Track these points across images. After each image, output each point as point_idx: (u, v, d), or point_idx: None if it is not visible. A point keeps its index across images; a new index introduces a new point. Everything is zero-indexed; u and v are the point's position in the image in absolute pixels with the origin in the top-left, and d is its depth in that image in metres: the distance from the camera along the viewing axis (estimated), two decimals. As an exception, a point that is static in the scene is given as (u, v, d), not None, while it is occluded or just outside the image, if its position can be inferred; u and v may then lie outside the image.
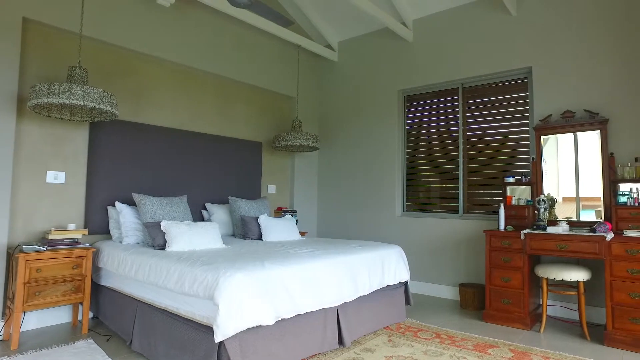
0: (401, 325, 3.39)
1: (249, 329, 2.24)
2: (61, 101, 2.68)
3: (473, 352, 2.79)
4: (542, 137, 3.87)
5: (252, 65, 4.99)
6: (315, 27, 5.52)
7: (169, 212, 3.53)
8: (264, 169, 5.22)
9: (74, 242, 3.18)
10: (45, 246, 3.00)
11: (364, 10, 4.32)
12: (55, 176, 3.40)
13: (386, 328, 3.31)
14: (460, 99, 4.60)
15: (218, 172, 4.58)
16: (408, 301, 3.55)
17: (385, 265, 3.27)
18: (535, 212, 3.71)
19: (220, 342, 2.14)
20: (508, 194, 3.97)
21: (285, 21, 3.51)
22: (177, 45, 4.20)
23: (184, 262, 2.52)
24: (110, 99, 2.91)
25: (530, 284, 3.49)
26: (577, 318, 3.63)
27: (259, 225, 4.02)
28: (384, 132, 5.15)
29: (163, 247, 3.14)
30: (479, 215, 4.36)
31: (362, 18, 5.18)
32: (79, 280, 3.11)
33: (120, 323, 3.01)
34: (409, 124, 5.07)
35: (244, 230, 4.03)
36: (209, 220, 4.27)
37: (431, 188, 4.82)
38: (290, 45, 5.50)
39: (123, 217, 3.47)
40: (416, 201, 4.94)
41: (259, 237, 4.00)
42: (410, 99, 5.06)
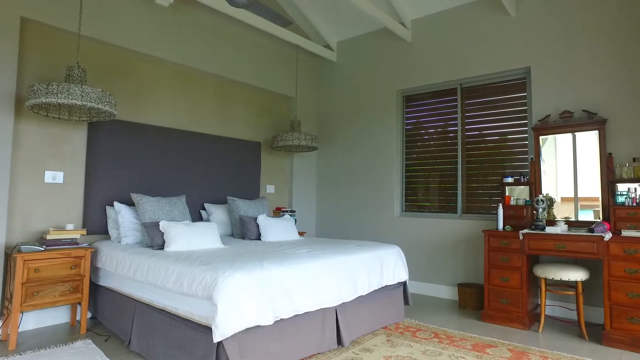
0: (400, 325, 3.39)
1: (247, 329, 2.24)
2: (59, 101, 2.68)
3: (471, 352, 2.79)
4: (541, 137, 3.88)
5: (251, 65, 4.99)
6: (314, 27, 5.52)
7: (167, 212, 3.52)
8: (263, 169, 5.22)
9: (72, 242, 3.17)
10: (43, 246, 2.99)
11: (362, 10, 4.33)
12: (54, 176, 3.40)
13: (385, 328, 3.31)
14: (459, 99, 4.60)
15: (217, 172, 4.57)
16: (407, 301, 3.56)
17: (384, 265, 3.27)
18: (534, 212, 3.71)
19: (219, 342, 2.14)
20: (507, 194, 3.98)
21: (284, 21, 3.51)
22: (176, 45, 4.19)
23: (182, 262, 2.52)
24: (108, 98, 2.91)
25: (529, 283, 3.50)
26: (576, 318, 3.64)
27: (258, 225, 4.02)
28: (383, 132, 5.16)
29: (162, 247, 3.14)
30: (477, 215, 4.37)
31: (361, 18, 5.18)
32: (77, 280, 3.10)
33: (118, 323, 3.01)
34: (407, 124, 5.07)
35: (243, 230, 4.03)
36: (208, 220, 4.26)
37: (430, 188, 4.82)
38: (289, 45, 5.50)
39: (121, 217, 3.47)
40: (415, 201, 4.95)
41: (258, 237, 4.00)
42: (409, 99, 5.06)
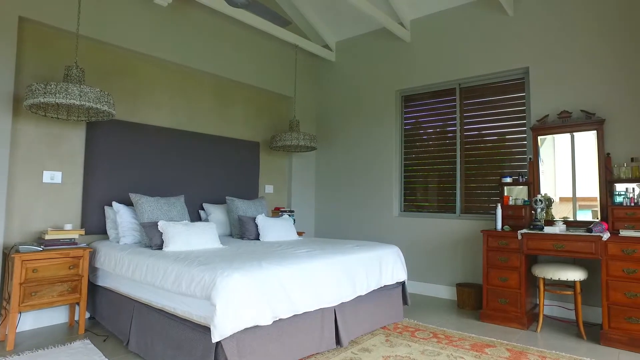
0: (398, 325, 3.39)
1: (246, 329, 2.24)
2: (58, 101, 2.67)
3: (470, 352, 2.79)
4: (539, 137, 3.88)
5: (250, 65, 4.98)
6: (312, 27, 5.52)
7: (166, 212, 3.52)
8: (262, 169, 5.22)
9: (71, 242, 3.16)
10: (41, 246, 2.99)
11: (361, 11, 4.33)
12: (52, 176, 3.39)
13: (383, 328, 3.31)
14: (457, 99, 4.61)
15: (215, 172, 4.57)
16: (405, 301, 3.56)
17: (383, 265, 3.27)
18: (532, 212, 3.72)
19: (218, 342, 2.14)
20: (505, 194, 3.98)
21: (282, 21, 3.51)
22: (175, 45, 4.19)
23: (181, 262, 2.52)
24: (107, 98, 2.90)
25: (527, 283, 3.50)
26: (574, 317, 3.64)
27: (257, 226, 4.02)
28: (382, 132, 5.16)
29: (160, 247, 3.13)
30: (476, 215, 4.37)
31: (360, 18, 5.19)
32: (76, 280, 3.09)
33: (117, 323, 3.00)
34: (406, 124, 5.07)
35: (242, 231, 4.03)
36: (207, 220, 4.26)
37: (429, 188, 4.82)
38: (288, 45, 5.50)
39: (120, 217, 3.46)
40: (414, 201, 4.95)
41: (257, 237, 4.00)
42: (408, 99, 5.06)
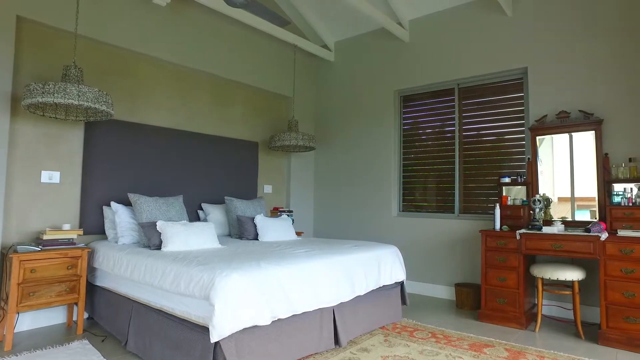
0: (397, 325, 3.40)
1: (244, 329, 2.24)
2: (56, 100, 2.67)
3: (469, 352, 2.80)
4: (538, 138, 3.89)
5: (249, 65, 4.98)
6: (311, 27, 5.52)
7: (164, 212, 3.51)
8: (260, 169, 5.22)
9: (69, 243, 3.16)
10: (39, 246, 2.98)
11: (360, 11, 4.33)
12: (50, 176, 3.38)
13: (382, 328, 3.31)
14: (456, 99, 4.61)
15: (214, 172, 4.57)
16: (404, 301, 3.56)
17: (382, 265, 3.27)
18: (531, 212, 3.73)
19: (216, 343, 2.14)
20: (504, 194, 3.99)
21: (281, 21, 3.50)
22: (173, 45, 4.18)
23: (179, 262, 2.52)
24: (105, 98, 2.90)
25: (526, 283, 3.51)
26: (572, 317, 3.65)
27: (255, 225, 4.02)
28: (381, 132, 5.16)
29: (159, 247, 3.13)
30: (474, 215, 4.38)
31: (359, 18, 5.19)
32: (74, 280, 3.09)
33: (115, 323, 3.00)
34: (405, 124, 5.07)
35: (240, 231, 4.03)
36: (205, 220, 4.26)
37: (427, 188, 4.83)
38: (287, 45, 5.50)
39: (118, 217, 3.45)
40: (412, 201, 4.95)
41: (255, 237, 4.00)
42: (407, 99, 5.07)
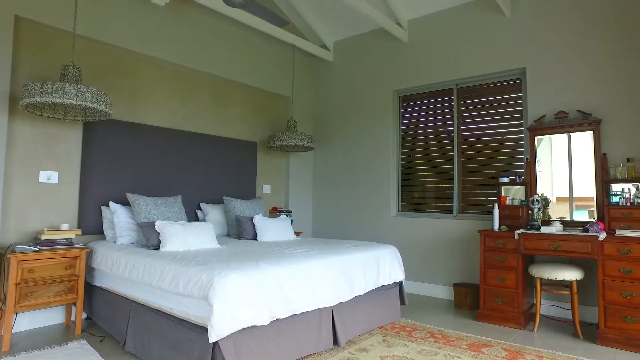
0: (396, 325, 3.40)
1: (243, 329, 2.24)
2: (54, 100, 2.66)
3: (467, 352, 2.80)
4: (536, 138, 3.90)
5: (248, 65, 4.98)
6: (310, 27, 5.52)
7: (163, 212, 3.51)
8: (259, 169, 5.21)
9: (67, 243, 3.15)
10: (37, 246, 2.98)
11: (359, 11, 4.33)
12: (48, 176, 3.38)
13: (381, 328, 3.31)
14: (455, 100, 4.62)
15: (213, 172, 4.56)
16: (403, 301, 3.56)
17: (380, 265, 3.27)
18: (529, 212, 3.73)
19: (215, 343, 2.14)
20: (502, 194, 3.99)
21: (280, 21, 3.50)
22: (172, 45, 4.18)
23: (178, 262, 2.51)
24: (104, 98, 2.89)
25: (524, 283, 3.51)
26: (570, 317, 3.66)
27: (254, 225, 4.02)
28: (380, 132, 5.16)
29: (157, 247, 3.13)
30: (473, 215, 4.38)
31: (358, 18, 5.19)
32: (72, 280, 3.08)
33: (113, 324, 3.00)
34: (404, 124, 5.08)
35: (239, 231, 4.03)
36: (204, 220, 4.25)
37: (426, 188, 4.83)
38: (286, 45, 5.49)
39: (117, 217, 3.45)
40: (411, 201, 4.96)
41: (254, 237, 3.99)
42: (406, 99, 5.07)
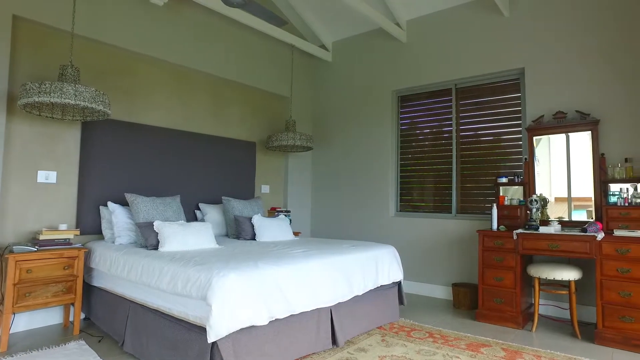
0: (394, 325, 3.40)
1: (242, 329, 2.24)
2: (52, 100, 2.66)
3: (466, 352, 2.80)
4: (535, 138, 3.90)
5: (246, 65, 4.98)
6: (309, 27, 5.52)
7: (161, 212, 3.50)
8: (258, 169, 5.21)
9: (66, 243, 3.15)
10: (35, 247, 2.97)
11: (358, 11, 4.33)
12: (47, 176, 3.37)
13: (379, 328, 3.31)
14: (453, 100, 4.62)
15: (212, 172, 4.56)
16: (401, 301, 3.56)
17: (379, 265, 3.27)
18: (528, 212, 3.74)
19: (213, 343, 2.13)
20: (501, 194, 4.00)
21: (279, 21, 3.50)
22: (171, 45, 4.17)
23: (176, 263, 2.51)
24: (102, 98, 2.89)
25: (523, 283, 3.52)
26: (569, 317, 3.66)
27: (253, 226, 4.01)
28: (378, 132, 5.16)
29: (156, 247, 3.12)
30: (472, 215, 4.39)
31: (356, 18, 5.19)
32: (71, 281, 3.08)
33: (112, 324, 2.99)
34: (402, 124, 5.08)
35: (238, 231, 4.02)
36: (202, 220, 4.25)
37: (425, 188, 4.83)
38: (284, 45, 5.49)
39: (115, 217, 3.44)
40: (410, 201, 4.96)
41: (253, 237, 3.99)
42: (404, 99, 5.07)
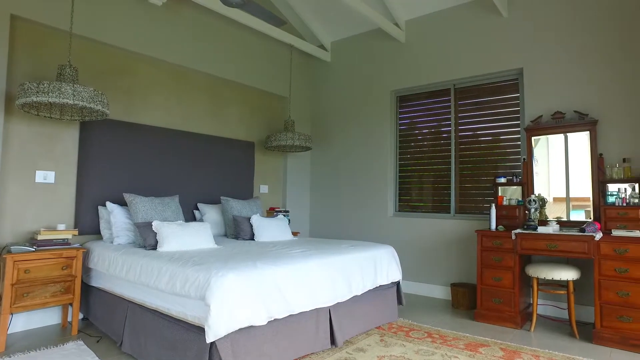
0: (393, 325, 3.40)
1: (240, 330, 2.24)
2: (50, 100, 2.65)
3: (464, 352, 2.80)
4: (533, 138, 3.91)
5: (245, 65, 4.97)
6: (308, 27, 5.52)
7: (160, 212, 3.50)
8: (257, 169, 5.21)
9: (64, 243, 3.14)
10: (34, 247, 2.96)
11: (356, 11, 4.33)
12: (45, 176, 3.36)
13: (378, 328, 3.32)
14: (452, 100, 4.62)
15: (210, 172, 4.56)
16: (400, 301, 3.57)
17: (378, 265, 3.28)
18: (526, 212, 3.74)
19: (212, 343, 2.13)
20: (499, 194, 4.00)
21: (278, 21, 3.50)
22: (169, 45, 4.17)
23: (175, 263, 2.51)
24: (100, 98, 2.88)
25: (521, 283, 3.52)
26: (567, 317, 3.67)
27: (251, 226, 4.01)
28: (377, 132, 5.17)
29: (154, 248, 3.12)
30: (470, 216, 4.39)
31: (355, 19, 5.19)
32: (69, 281, 3.07)
33: (110, 324, 2.98)
34: (401, 124, 5.08)
35: (236, 231, 4.02)
36: (201, 221, 4.24)
37: (423, 188, 4.84)
38: (283, 45, 5.49)
39: (114, 217, 3.44)
40: (408, 201, 4.96)
41: (251, 237, 3.99)
42: (403, 100, 5.08)
